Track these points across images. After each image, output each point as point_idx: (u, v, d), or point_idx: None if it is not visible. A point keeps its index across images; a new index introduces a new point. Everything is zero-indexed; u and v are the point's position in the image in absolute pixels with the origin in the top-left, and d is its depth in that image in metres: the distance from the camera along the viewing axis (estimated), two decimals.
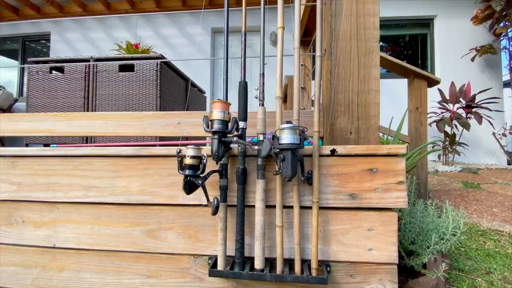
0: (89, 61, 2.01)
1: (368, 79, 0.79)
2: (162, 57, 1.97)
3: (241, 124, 0.74)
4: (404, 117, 1.86)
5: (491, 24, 3.59)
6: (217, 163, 0.70)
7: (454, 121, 3.40)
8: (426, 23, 4.23)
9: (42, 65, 2.04)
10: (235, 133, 0.68)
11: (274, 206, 0.73)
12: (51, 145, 0.83)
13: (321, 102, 0.81)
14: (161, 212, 0.79)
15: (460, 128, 3.48)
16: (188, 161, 0.65)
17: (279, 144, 0.64)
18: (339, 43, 0.80)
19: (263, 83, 0.78)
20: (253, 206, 0.73)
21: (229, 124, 0.67)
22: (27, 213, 0.85)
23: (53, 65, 2.04)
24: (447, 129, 3.50)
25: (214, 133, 0.65)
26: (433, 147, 3.81)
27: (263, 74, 0.79)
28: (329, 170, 0.74)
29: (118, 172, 0.81)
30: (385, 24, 4.26)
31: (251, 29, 4.22)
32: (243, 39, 0.81)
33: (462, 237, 1.09)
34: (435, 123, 3.53)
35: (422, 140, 1.93)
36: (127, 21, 4.45)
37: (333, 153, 0.73)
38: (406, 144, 1.92)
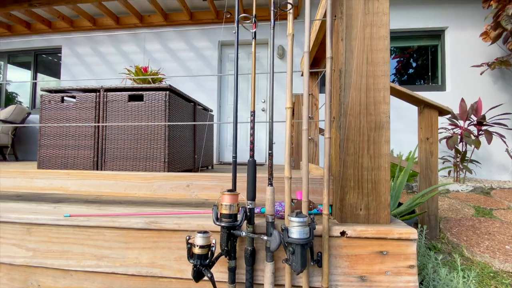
0: (99, 91, 2.05)
1: (378, 155, 0.78)
2: (170, 87, 1.99)
3: (250, 204, 0.74)
4: (414, 152, 1.82)
5: (505, 38, 3.50)
6: (226, 256, 0.71)
7: (464, 139, 3.33)
8: (437, 34, 4.15)
9: (54, 94, 2.09)
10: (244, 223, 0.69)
11: (283, 285, 0.73)
12: (64, 215, 0.85)
13: (330, 171, 0.80)
14: (170, 284, 0.80)
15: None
16: (196, 250, 0.66)
17: (288, 237, 0.64)
18: (348, 117, 0.79)
19: (271, 145, 0.78)
20: (262, 285, 0.73)
21: (238, 216, 0.68)
22: (42, 278, 0.87)
23: (64, 94, 2.08)
24: (458, 145, 3.43)
25: (223, 227, 0.66)
26: (443, 162, 3.74)
27: (272, 132, 0.78)
28: (339, 251, 0.73)
29: (129, 244, 0.83)
30: (395, 36, 4.20)
31: (258, 42, 4.22)
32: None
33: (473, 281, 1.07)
34: (444, 140, 3.46)
35: (433, 171, 1.90)
36: (136, 35, 4.50)
37: (343, 234, 0.73)
38: (416, 231, 1.89)
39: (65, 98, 2.09)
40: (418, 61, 4.43)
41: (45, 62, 5.04)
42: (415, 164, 1.95)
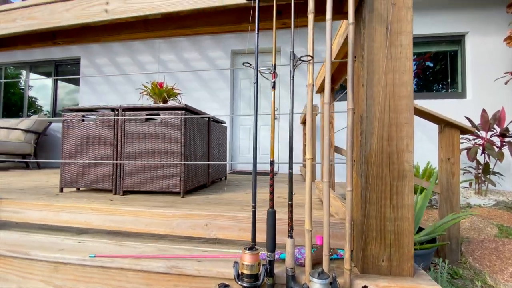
0: (117, 110, 2.10)
1: (401, 205, 0.76)
2: (186, 106, 2.02)
3: (269, 256, 0.74)
4: (436, 177, 1.77)
5: None
6: None
7: (486, 151, 3.19)
8: (457, 39, 4.00)
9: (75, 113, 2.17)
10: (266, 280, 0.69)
11: None
12: (89, 255, 0.88)
13: (351, 217, 0.79)
14: None
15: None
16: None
17: None
18: (370, 166, 0.78)
19: (291, 196, 0.77)
20: None
21: (260, 275, 0.68)
22: None
23: (85, 113, 2.15)
24: (479, 157, 3.30)
25: (244, 287, 0.66)
26: (464, 173, 3.61)
27: (292, 181, 0.77)
28: None
29: (150, 286, 0.84)
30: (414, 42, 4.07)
31: (267, 50, 4.21)
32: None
33: None
34: (465, 151, 3.33)
35: (454, 193, 1.83)
36: (151, 46, 4.60)
37: None
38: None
39: (85, 117, 2.16)
40: (436, 67, 4.29)
41: (65, 72, 5.24)
42: (436, 185, 1.89)
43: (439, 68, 4.27)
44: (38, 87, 5.47)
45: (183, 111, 2.01)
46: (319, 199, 1.86)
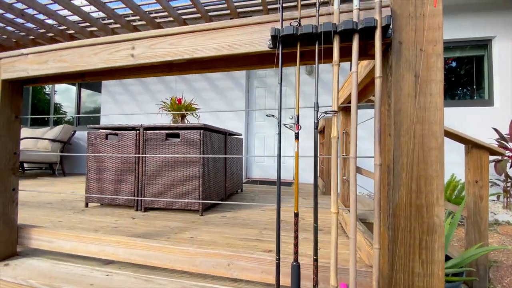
0: (139, 129, 2.17)
1: (431, 261, 0.74)
2: (204, 126, 2.05)
3: None
4: (462, 207, 1.69)
5: None
6: None
7: None
8: (483, 44, 3.80)
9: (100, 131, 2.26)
10: None
11: None
12: None
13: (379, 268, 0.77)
14: None
15: None
16: None
17: None
18: (397, 219, 0.76)
19: (316, 251, 0.76)
20: None
21: None
22: None
23: (108, 132, 2.23)
24: (508, 170, 3.12)
25: None
26: (491, 186, 3.43)
27: (317, 238, 0.77)
28: None
29: None
30: None
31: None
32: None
33: None
34: (493, 163, 3.16)
35: (483, 218, 1.75)
36: None
37: None
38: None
39: (108, 135, 2.24)
40: (460, 73, 4.09)
41: (88, 83, 5.46)
42: (460, 205, 1.81)
43: (463, 74, 4.07)
44: (62, 92, 5.74)
45: (202, 130, 2.04)
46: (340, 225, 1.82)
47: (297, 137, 0.78)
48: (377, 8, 0.71)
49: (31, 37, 4.69)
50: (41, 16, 4.01)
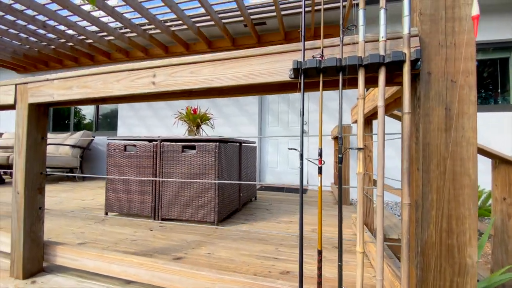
0: (156, 141, 2.21)
1: None
2: (220, 138, 2.06)
3: None
4: (490, 227, 1.61)
5: None
6: None
7: None
8: (507, 46, 3.61)
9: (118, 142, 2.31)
10: None
11: None
12: None
13: None
14: None
15: None
16: None
17: None
18: (426, 258, 0.73)
19: (341, 284, 0.74)
20: None
21: None
22: None
23: (127, 143, 2.29)
24: None
25: None
26: None
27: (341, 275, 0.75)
28: None
29: None
30: None
31: None
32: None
33: None
34: None
35: (510, 236, 1.66)
36: None
37: None
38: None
39: (127, 147, 2.30)
40: (483, 75, 3.91)
41: None
42: (487, 223, 1.73)
43: (486, 76, 3.88)
44: None
45: (218, 143, 2.05)
46: (355, 235, 1.78)
47: (320, 171, 0.76)
48: (405, 41, 0.68)
49: (52, 46, 4.88)
50: (62, 27, 4.16)
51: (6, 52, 5.10)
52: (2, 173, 4.85)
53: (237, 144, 2.58)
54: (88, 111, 5.90)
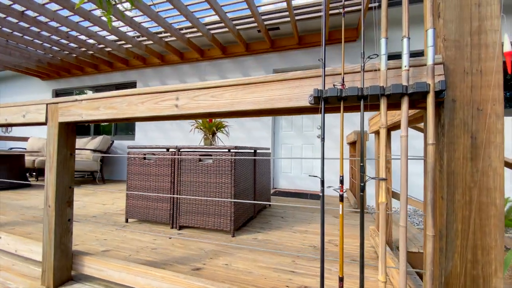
0: (174, 150, 2.27)
1: None
2: (236, 148, 2.10)
3: None
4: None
5: None
6: None
7: None
8: None
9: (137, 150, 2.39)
10: None
11: None
12: None
13: None
14: None
15: None
16: None
17: None
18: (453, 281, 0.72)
19: None
20: None
21: None
22: None
23: (146, 151, 2.36)
24: None
25: None
26: None
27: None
28: None
29: None
30: None
31: (313, 67, 4.12)
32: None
33: None
34: None
35: None
36: (197, 68, 4.85)
37: None
38: None
39: (146, 155, 2.37)
40: (506, 77, 3.73)
41: None
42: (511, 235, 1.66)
43: (509, 78, 3.70)
44: None
45: (233, 153, 2.09)
46: (373, 248, 1.76)
47: (341, 199, 0.77)
48: (429, 71, 0.68)
49: (74, 55, 5.10)
50: (83, 37, 4.34)
51: (32, 61, 5.37)
52: (27, 175, 5.11)
53: (252, 152, 2.60)
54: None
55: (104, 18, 3.73)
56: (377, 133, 1.92)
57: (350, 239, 2.00)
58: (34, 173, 5.57)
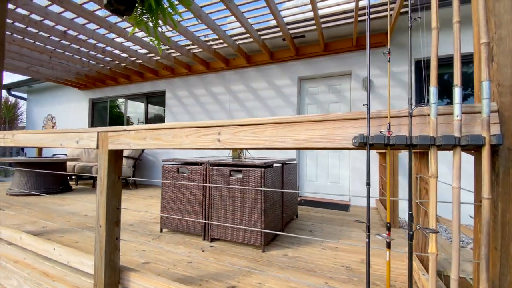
0: (206, 164, 2.36)
1: None
2: (265, 165, 2.13)
3: None
4: None
5: None
6: None
7: None
8: None
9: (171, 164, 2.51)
10: None
11: None
12: None
13: None
14: None
15: None
16: None
17: None
18: None
19: None
20: None
21: None
22: None
23: (179, 165, 2.47)
24: None
25: None
26: None
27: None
28: None
29: None
30: None
31: (339, 74, 4.06)
32: None
33: None
34: None
35: None
36: (222, 77, 4.97)
37: None
38: None
39: (180, 168, 2.49)
40: None
41: (154, 103, 6.10)
42: None
43: None
44: (135, 109, 6.52)
45: (263, 169, 2.12)
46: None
47: (389, 246, 0.77)
48: (484, 124, 0.66)
49: (108, 67, 5.44)
50: (117, 51, 4.62)
51: (71, 73, 5.82)
52: (68, 178, 5.52)
53: (280, 165, 2.63)
54: (138, 116, 6.45)
55: (137, 34, 3.95)
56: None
57: (380, 259, 1.96)
58: (73, 177, 6.02)
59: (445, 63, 2.89)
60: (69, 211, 3.31)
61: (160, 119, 5.97)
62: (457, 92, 0.70)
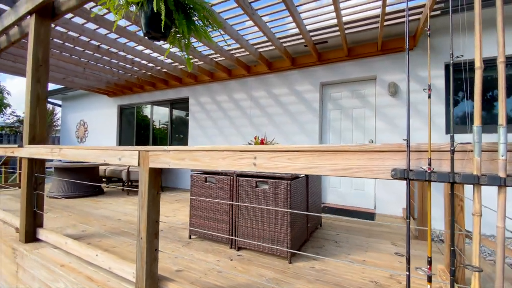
0: (232, 175, 2.43)
1: None
2: (291, 177, 2.16)
3: None
4: None
5: None
6: None
7: None
8: None
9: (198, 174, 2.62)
10: None
11: None
12: None
13: None
14: None
15: None
16: None
17: None
18: None
19: None
20: None
21: None
22: None
23: (207, 176, 2.57)
24: None
25: None
26: None
27: None
28: None
29: None
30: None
31: (363, 79, 4.00)
32: None
33: None
34: None
35: None
36: (244, 83, 5.05)
37: None
38: None
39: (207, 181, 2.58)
40: None
41: (178, 109, 6.33)
42: None
43: None
44: (160, 114, 6.79)
45: (289, 181, 2.16)
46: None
47: (429, 280, 0.79)
48: None
49: (135, 76, 5.71)
50: (145, 62, 4.85)
51: (102, 82, 6.17)
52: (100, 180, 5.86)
53: (305, 176, 2.64)
54: (163, 126, 6.71)
55: (164, 46, 4.13)
56: None
57: (413, 273, 1.92)
58: (104, 179, 6.38)
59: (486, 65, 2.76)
60: (103, 215, 3.54)
61: (184, 123, 6.17)
62: (502, 132, 0.70)
